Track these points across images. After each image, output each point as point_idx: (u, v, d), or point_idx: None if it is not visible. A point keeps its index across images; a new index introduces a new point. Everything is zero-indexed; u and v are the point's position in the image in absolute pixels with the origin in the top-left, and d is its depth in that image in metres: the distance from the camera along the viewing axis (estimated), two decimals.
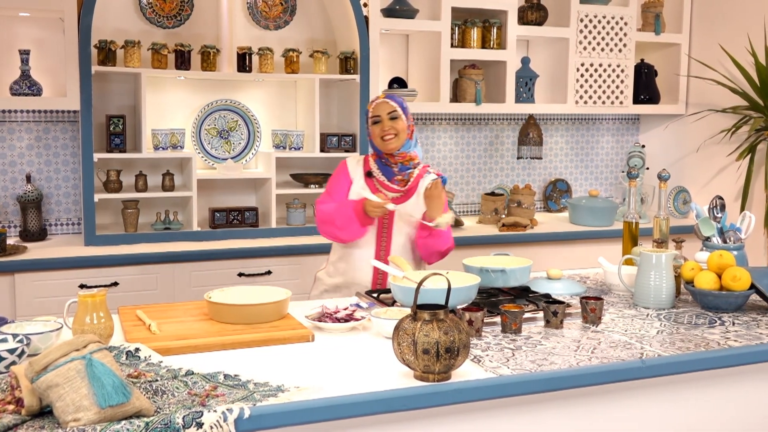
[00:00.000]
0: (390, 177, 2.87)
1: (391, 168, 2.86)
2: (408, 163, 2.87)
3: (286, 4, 4.17)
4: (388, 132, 2.81)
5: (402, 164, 2.86)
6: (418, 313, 1.82)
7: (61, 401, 1.54)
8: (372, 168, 2.90)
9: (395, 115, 2.82)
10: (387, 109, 2.83)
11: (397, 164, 2.86)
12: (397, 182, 2.88)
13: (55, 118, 3.84)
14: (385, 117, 2.82)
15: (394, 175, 2.87)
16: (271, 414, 1.64)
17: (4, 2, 3.47)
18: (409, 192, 2.88)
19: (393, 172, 2.86)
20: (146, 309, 2.36)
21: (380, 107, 2.84)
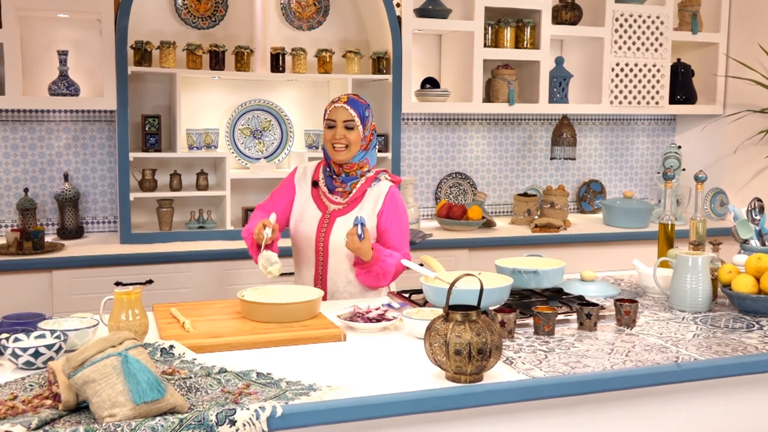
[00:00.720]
0: (332, 188, 2.71)
1: (334, 179, 2.70)
2: (354, 173, 2.69)
3: (319, 4, 4.18)
4: (339, 141, 2.63)
5: (346, 174, 2.69)
6: (450, 313, 1.82)
7: (97, 397, 1.56)
8: (319, 177, 2.74)
9: (351, 125, 2.63)
10: (344, 116, 2.63)
11: (341, 174, 2.69)
12: (339, 193, 2.71)
13: (92, 117, 3.90)
14: (340, 124, 2.63)
15: (335, 186, 2.70)
16: (303, 413, 1.65)
17: (43, 4, 3.53)
18: (353, 203, 2.70)
19: (334, 183, 2.70)
20: (180, 307, 2.39)
21: (338, 112, 2.64)
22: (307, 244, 2.71)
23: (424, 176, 4.54)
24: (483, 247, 4.01)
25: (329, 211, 2.69)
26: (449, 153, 4.58)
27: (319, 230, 2.68)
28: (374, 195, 2.71)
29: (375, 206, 2.70)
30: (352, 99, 2.68)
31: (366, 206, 2.70)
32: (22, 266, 3.31)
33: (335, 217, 2.68)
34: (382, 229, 2.71)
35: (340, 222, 2.67)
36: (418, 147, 4.51)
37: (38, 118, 3.82)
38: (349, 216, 2.68)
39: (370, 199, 2.71)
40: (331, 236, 2.67)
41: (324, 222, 2.68)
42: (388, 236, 2.71)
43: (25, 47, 3.73)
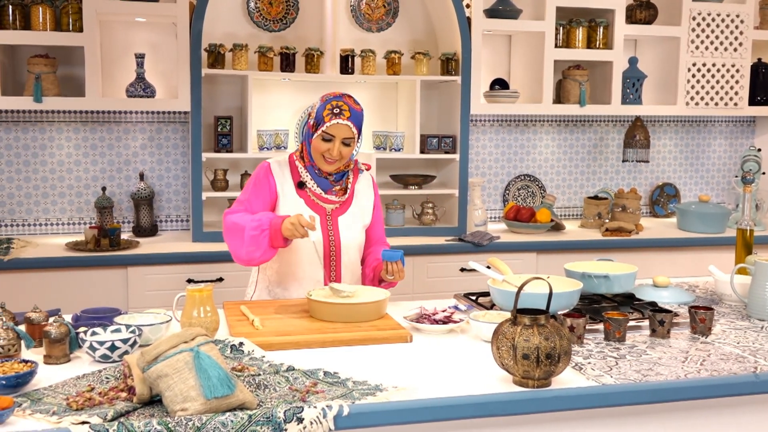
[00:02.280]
0: (326, 188, 2.58)
1: (326, 178, 2.57)
2: (344, 169, 2.59)
3: (388, 6, 4.20)
4: (335, 158, 2.49)
5: (337, 173, 2.58)
6: (519, 317, 1.80)
7: (170, 391, 1.60)
8: (304, 178, 2.57)
9: (349, 142, 2.50)
10: (345, 134, 2.48)
11: (332, 174, 2.57)
12: (335, 192, 2.60)
13: (167, 118, 4.00)
14: (339, 140, 2.47)
15: (331, 185, 2.59)
16: (369, 413, 1.66)
17: (121, 8, 3.64)
18: (349, 199, 2.62)
19: (329, 182, 2.58)
20: (250, 305, 2.43)
21: (339, 129, 2.47)
22: (310, 249, 2.52)
23: (492, 178, 4.50)
24: (551, 250, 3.95)
25: (328, 212, 2.58)
26: (518, 155, 4.52)
27: (325, 233, 2.56)
28: (362, 187, 2.66)
29: (369, 198, 2.67)
30: (354, 112, 2.49)
31: (361, 200, 2.65)
32: (99, 262, 3.42)
33: (336, 217, 2.59)
34: (375, 219, 2.69)
35: (343, 221, 2.59)
36: (486, 149, 4.47)
37: (116, 119, 3.94)
38: (349, 213, 2.60)
39: (361, 193, 2.66)
40: (340, 237, 2.58)
41: (327, 224, 2.58)
42: (376, 227, 2.71)
43: (104, 50, 3.86)
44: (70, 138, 3.89)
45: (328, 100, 2.51)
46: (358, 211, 2.64)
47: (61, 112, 3.86)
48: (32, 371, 1.74)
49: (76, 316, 2.22)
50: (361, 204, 2.65)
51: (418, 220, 4.13)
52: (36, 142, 3.85)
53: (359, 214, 2.64)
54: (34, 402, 1.66)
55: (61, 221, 3.93)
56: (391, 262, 2.47)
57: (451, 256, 3.83)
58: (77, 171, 3.91)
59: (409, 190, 4.07)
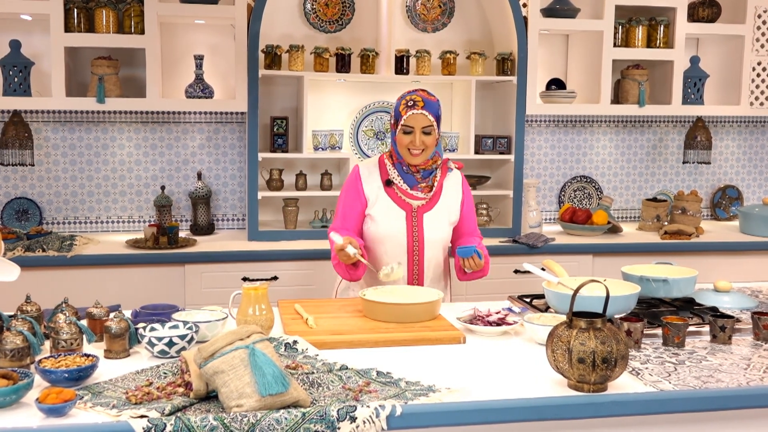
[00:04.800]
0: (413, 184, 2.65)
1: (414, 175, 2.64)
2: (430, 167, 2.64)
3: (444, 6, 4.18)
4: (418, 147, 2.57)
5: (425, 170, 2.64)
6: (574, 320, 1.77)
7: (225, 387, 1.62)
8: (392, 176, 2.66)
9: (429, 130, 2.57)
10: (423, 123, 2.56)
11: (420, 171, 2.64)
12: (422, 189, 2.66)
13: (224, 119, 4.07)
14: (419, 130, 2.56)
15: (417, 182, 2.65)
16: (422, 413, 1.65)
17: (181, 11, 3.72)
18: (435, 196, 2.68)
19: (416, 179, 2.64)
20: (304, 303, 2.45)
21: (416, 119, 2.56)
22: (395, 244, 2.65)
23: (548, 179, 4.45)
24: (608, 253, 3.88)
25: (414, 208, 2.65)
26: (574, 156, 4.46)
27: (410, 229, 2.65)
28: (451, 185, 2.71)
29: (456, 196, 2.72)
30: (428, 102, 2.59)
31: (448, 198, 2.70)
32: (158, 260, 3.49)
33: (422, 214, 2.66)
34: (465, 216, 2.74)
35: (427, 217, 2.66)
36: (542, 149, 4.42)
37: (175, 119, 4.02)
38: (435, 210, 2.67)
39: (449, 190, 2.71)
40: (424, 233, 2.65)
41: (413, 220, 2.65)
42: (468, 222, 2.76)
43: (165, 52, 3.94)
44: (131, 138, 3.99)
45: (402, 97, 2.64)
46: (445, 208, 2.69)
47: (123, 113, 3.96)
48: (93, 365, 1.78)
49: (135, 312, 2.27)
50: (448, 202, 2.70)
51: None
52: (98, 141, 3.96)
53: (445, 211, 2.69)
54: (94, 395, 1.70)
55: (122, 219, 4.03)
56: (466, 258, 2.57)
57: (505, 258, 3.79)
58: (137, 170, 4.01)
59: None
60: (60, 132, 3.92)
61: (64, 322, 1.96)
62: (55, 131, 3.91)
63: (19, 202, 3.89)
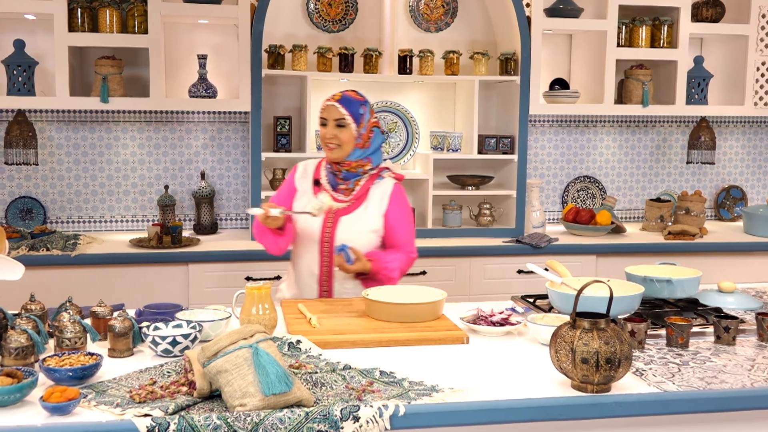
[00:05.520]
0: (335, 185, 2.65)
1: (335, 175, 2.64)
2: (355, 170, 2.63)
3: (447, 6, 4.18)
4: (330, 141, 2.58)
5: (347, 171, 2.63)
6: (578, 320, 1.77)
7: (229, 386, 1.62)
8: (321, 175, 2.68)
9: (342, 123, 2.57)
10: (335, 115, 2.57)
11: (341, 171, 2.63)
12: (342, 191, 2.65)
13: (227, 119, 4.07)
14: (332, 122, 2.58)
15: (338, 183, 2.64)
16: (425, 413, 1.65)
17: (185, 10, 3.72)
18: (357, 201, 2.64)
19: (337, 179, 2.64)
20: (307, 303, 2.45)
21: (329, 110, 2.59)
22: (311, 243, 2.65)
23: (551, 179, 4.44)
24: (611, 253, 3.87)
25: (333, 209, 2.63)
26: (578, 156, 4.46)
27: (324, 230, 2.63)
28: (378, 193, 2.66)
29: (380, 205, 2.65)
30: (346, 96, 2.62)
31: (371, 205, 2.65)
32: (162, 259, 3.50)
33: (339, 216, 2.63)
34: (390, 228, 2.66)
35: (344, 221, 2.63)
36: (545, 149, 4.42)
37: (178, 119, 4.03)
38: (353, 215, 2.63)
39: (375, 198, 2.66)
40: (336, 235, 2.62)
41: (328, 222, 2.63)
42: (395, 234, 2.67)
43: (168, 52, 3.94)
44: (135, 137, 3.99)
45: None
46: (365, 215, 2.64)
47: (127, 112, 3.96)
48: (97, 364, 1.79)
49: (139, 311, 2.28)
50: (370, 209, 2.65)
51: (475, 221, 4.10)
52: (102, 141, 3.96)
53: (365, 218, 2.64)
54: (99, 394, 1.70)
55: (125, 218, 4.03)
56: (336, 253, 2.55)
57: (508, 258, 3.79)
58: (141, 170, 4.01)
59: (467, 190, 4.05)
60: (64, 131, 3.92)
61: (68, 321, 1.96)
62: (59, 130, 3.92)
63: (23, 201, 3.90)
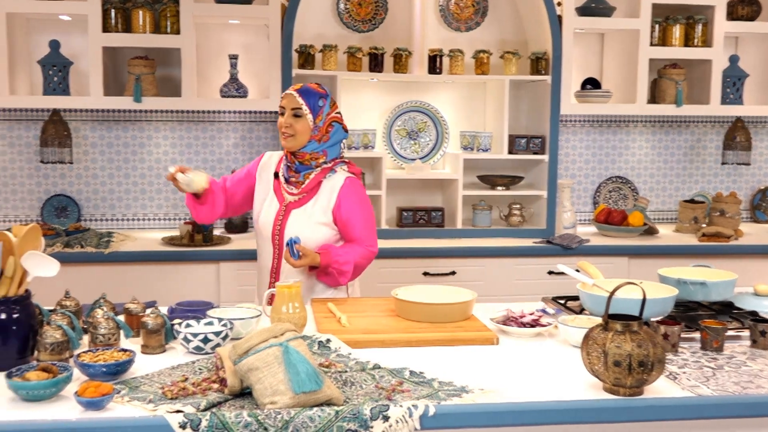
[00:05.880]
0: (287, 178, 2.63)
1: (289, 167, 2.62)
2: (308, 162, 2.59)
3: (477, 5, 4.16)
4: (285, 130, 2.56)
5: (300, 163, 2.60)
6: (610, 323, 1.75)
7: (259, 384, 1.63)
8: (281, 168, 2.67)
9: (299, 113, 2.54)
10: (292, 104, 2.55)
11: (294, 163, 2.61)
12: (293, 183, 2.62)
13: (258, 118, 4.09)
14: (288, 111, 2.56)
15: (291, 176, 2.62)
16: (455, 414, 1.65)
17: (217, 11, 3.75)
18: (308, 194, 2.60)
19: (289, 172, 2.62)
20: (336, 302, 2.46)
21: (287, 99, 2.57)
22: (264, 234, 2.66)
23: (582, 180, 4.40)
24: (644, 255, 3.83)
25: (285, 202, 2.61)
26: (609, 156, 4.41)
27: (275, 222, 2.62)
28: (329, 188, 2.61)
29: (329, 200, 2.60)
30: (306, 87, 2.59)
31: (320, 199, 2.60)
32: (193, 257, 3.53)
33: (290, 209, 2.60)
34: (343, 223, 2.61)
35: (294, 214, 2.60)
36: (576, 150, 4.38)
37: (210, 118, 4.06)
38: (303, 208, 2.59)
39: (325, 192, 2.61)
40: (286, 229, 2.59)
41: (280, 214, 2.61)
42: (349, 230, 2.62)
43: (200, 52, 3.97)
44: (167, 137, 4.03)
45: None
46: (314, 208, 2.60)
47: (159, 112, 4.01)
48: (130, 360, 1.81)
49: (171, 309, 2.30)
50: (320, 202, 2.60)
51: (505, 222, 4.08)
52: (135, 140, 4.01)
53: (313, 212, 2.60)
54: (131, 389, 1.72)
55: (158, 216, 4.07)
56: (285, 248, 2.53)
57: (538, 259, 3.77)
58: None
59: (497, 191, 4.03)
60: (98, 130, 3.97)
61: (102, 318, 1.99)
62: (93, 130, 3.97)
63: (58, 199, 3.96)
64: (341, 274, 2.56)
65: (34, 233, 1.93)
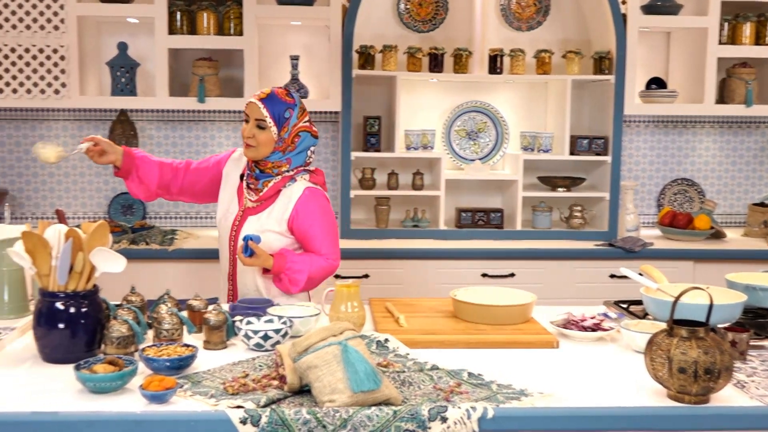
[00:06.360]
0: (248, 184, 2.57)
1: (252, 173, 2.56)
2: (270, 171, 2.52)
3: (539, 4, 4.11)
4: (248, 141, 2.48)
5: (260, 171, 2.53)
6: (675, 328, 1.71)
7: (318, 382, 1.64)
8: (246, 171, 2.60)
9: (262, 125, 2.46)
10: (256, 114, 2.47)
11: (255, 170, 2.54)
12: (253, 190, 2.55)
13: (318, 118, 4.13)
14: (252, 121, 2.48)
15: (250, 183, 2.56)
16: (514, 417, 1.63)
17: (279, 12, 3.79)
18: (267, 202, 2.53)
19: (250, 179, 2.56)
20: (394, 302, 2.46)
21: (251, 108, 2.49)
22: (224, 238, 2.60)
23: (646, 181, 4.31)
24: (710, 259, 3.72)
25: (243, 207, 2.56)
26: (675, 157, 4.30)
27: (233, 226, 2.56)
28: (286, 197, 2.52)
29: (285, 211, 2.51)
30: (272, 96, 2.49)
31: (277, 208, 2.52)
32: None
33: (247, 215, 2.55)
34: (300, 234, 2.53)
35: (250, 221, 2.53)
36: (640, 151, 4.29)
37: None
38: (259, 215, 2.53)
39: (283, 200, 2.53)
40: (240, 234, 2.53)
41: (237, 218, 2.56)
42: (309, 240, 2.53)
43: (262, 53, 4.03)
44: (229, 136, 4.10)
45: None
46: (270, 217, 2.53)
47: (221, 112, 4.08)
48: (193, 355, 1.84)
49: (232, 306, 2.33)
50: (275, 212, 2.53)
51: (565, 224, 4.02)
52: (198, 140, 4.09)
53: (268, 220, 2.52)
54: (194, 384, 1.76)
55: None
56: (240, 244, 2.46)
57: (600, 262, 3.70)
58: None
59: (557, 192, 3.98)
60: (163, 130, 4.07)
61: (166, 313, 2.03)
62: (158, 129, 4.07)
63: (125, 197, 4.07)
64: (292, 283, 2.47)
65: (102, 230, 1.99)
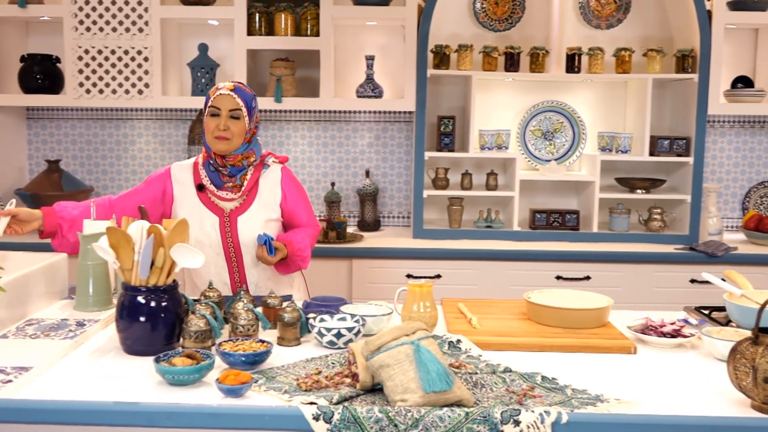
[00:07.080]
0: (220, 185, 2.50)
1: (219, 172, 2.49)
2: (240, 164, 2.48)
3: (620, 1, 4.02)
4: (222, 134, 2.42)
5: (232, 166, 2.47)
6: (761, 336, 1.64)
7: (390, 381, 1.65)
8: (202, 178, 2.51)
9: (237, 115, 2.43)
10: (230, 105, 2.43)
11: (226, 168, 2.48)
12: (230, 189, 2.50)
13: (392, 118, 4.14)
14: (225, 113, 2.43)
15: (224, 181, 2.49)
16: (589, 423, 1.60)
17: (355, 13, 3.82)
18: (250, 197, 2.51)
19: (221, 177, 2.49)
20: (467, 303, 2.44)
21: (223, 100, 2.43)
22: (211, 252, 2.52)
23: (730, 184, 4.15)
24: None
25: (227, 212, 2.51)
26: (762, 159, 4.14)
27: (224, 235, 2.51)
28: (269, 184, 2.54)
29: (274, 195, 2.54)
30: (239, 87, 2.48)
31: (264, 197, 2.53)
32: (327, 253, 3.62)
33: (235, 217, 2.51)
34: (290, 213, 2.58)
35: (242, 221, 2.51)
36: (724, 152, 4.14)
37: (346, 118, 4.15)
38: (249, 212, 2.51)
39: (266, 189, 2.54)
40: (239, 239, 2.51)
41: (225, 226, 2.50)
42: (296, 217, 2.60)
43: (337, 53, 4.07)
44: (305, 136, 4.16)
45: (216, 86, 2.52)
46: (261, 209, 2.53)
47: (298, 112, 4.14)
48: (268, 351, 1.87)
49: (306, 303, 2.36)
50: (264, 200, 2.54)
51: (644, 226, 3.92)
52: (275, 139, 4.16)
53: (262, 211, 2.53)
54: (268, 379, 1.79)
55: None
56: (259, 245, 2.47)
57: (680, 266, 3.59)
58: (310, 167, 4.17)
59: (636, 194, 3.88)
60: None
61: (242, 309, 2.07)
62: None
63: None
64: (303, 260, 2.55)
65: (182, 227, 2.04)
